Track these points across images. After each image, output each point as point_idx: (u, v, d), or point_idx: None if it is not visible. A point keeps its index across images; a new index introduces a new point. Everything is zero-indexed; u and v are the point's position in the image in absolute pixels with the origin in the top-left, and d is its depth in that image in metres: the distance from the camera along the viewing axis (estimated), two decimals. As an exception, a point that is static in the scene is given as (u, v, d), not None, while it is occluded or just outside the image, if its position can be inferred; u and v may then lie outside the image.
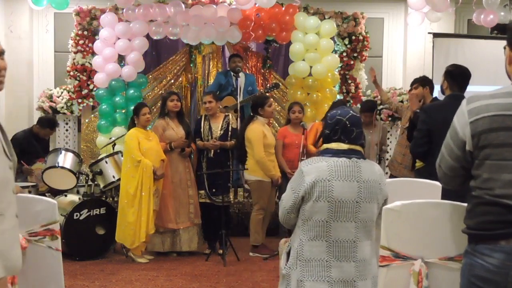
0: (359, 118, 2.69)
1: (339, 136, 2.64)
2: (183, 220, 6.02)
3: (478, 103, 2.07)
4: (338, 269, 2.57)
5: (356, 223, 2.58)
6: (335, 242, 2.57)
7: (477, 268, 2.04)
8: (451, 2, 6.94)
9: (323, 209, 2.56)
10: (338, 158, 2.60)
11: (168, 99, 6.07)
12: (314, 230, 2.59)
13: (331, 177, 2.56)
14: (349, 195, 2.56)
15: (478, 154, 2.07)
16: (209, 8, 7.07)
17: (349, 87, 7.61)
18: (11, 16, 7.64)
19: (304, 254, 2.61)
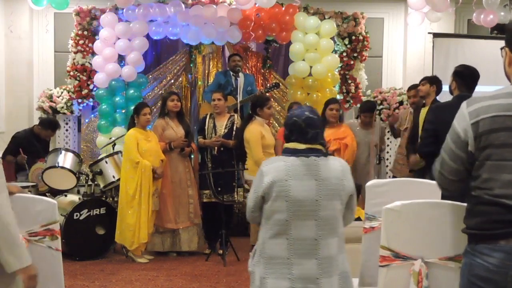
0: (315, 119, 2.69)
1: (296, 137, 2.68)
2: (183, 220, 6.02)
3: (478, 105, 2.07)
4: (299, 267, 2.58)
5: (316, 221, 2.59)
6: (296, 240, 2.59)
7: (477, 268, 2.05)
8: (451, 2, 6.94)
9: (282, 208, 2.59)
10: (296, 157, 2.64)
11: (168, 99, 6.07)
12: (275, 228, 2.62)
13: (288, 176, 2.59)
14: (308, 193, 2.58)
15: (479, 155, 2.07)
16: (209, 8, 7.08)
17: (349, 87, 7.61)
18: (11, 16, 7.64)
19: (267, 251, 2.64)
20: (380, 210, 2.73)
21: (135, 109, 5.98)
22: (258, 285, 2.65)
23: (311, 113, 2.70)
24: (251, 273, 2.74)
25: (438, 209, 2.51)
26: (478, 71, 4.35)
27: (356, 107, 7.61)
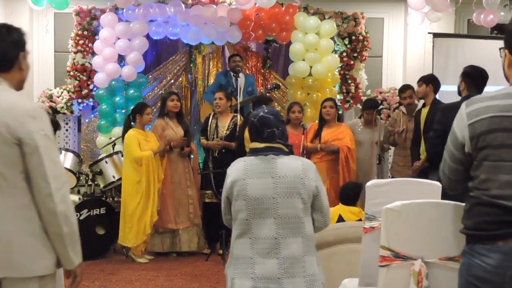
0: (270, 119, 2.72)
1: (254, 137, 2.74)
2: (183, 220, 6.02)
3: (477, 106, 2.08)
4: (261, 266, 2.59)
5: (276, 219, 2.60)
6: (257, 239, 2.61)
7: (474, 268, 2.05)
8: (451, 2, 6.94)
9: (242, 208, 2.62)
10: (254, 156, 2.69)
11: (168, 99, 6.07)
12: (239, 228, 2.66)
13: (246, 176, 2.64)
14: (264, 191, 2.61)
15: (477, 155, 2.08)
16: (209, 8, 7.08)
17: (349, 87, 7.61)
18: (11, 16, 7.63)
19: (234, 252, 2.69)
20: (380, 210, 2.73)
21: (137, 109, 5.97)
22: (229, 286, 2.69)
23: (267, 113, 2.74)
24: (226, 275, 2.77)
25: (438, 209, 2.51)
26: (487, 72, 4.34)
27: (356, 107, 7.61)
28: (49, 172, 2.18)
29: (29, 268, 2.27)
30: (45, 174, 2.18)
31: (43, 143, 2.19)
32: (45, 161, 2.18)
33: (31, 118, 2.21)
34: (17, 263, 2.25)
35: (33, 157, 2.18)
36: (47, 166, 2.18)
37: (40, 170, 2.18)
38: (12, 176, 2.21)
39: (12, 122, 2.18)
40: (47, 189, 2.18)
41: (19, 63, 2.35)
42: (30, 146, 2.18)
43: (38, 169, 2.18)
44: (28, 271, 2.27)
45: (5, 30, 2.32)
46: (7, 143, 2.19)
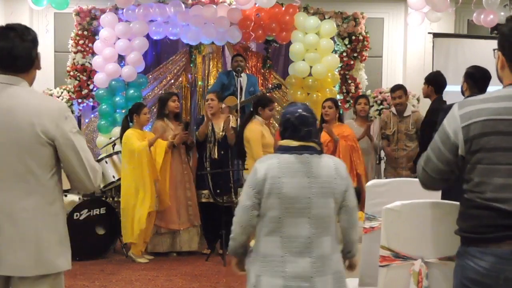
0: (308, 117, 2.68)
1: (289, 134, 2.68)
2: (184, 220, 6.02)
3: (470, 108, 2.07)
4: (293, 265, 2.57)
5: (310, 219, 2.58)
6: (289, 237, 2.58)
7: (468, 270, 2.06)
8: (451, 2, 6.94)
9: (275, 206, 2.57)
10: (289, 154, 2.64)
11: (169, 100, 6.06)
12: (268, 226, 2.61)
13: (280, 173, 2.58)
14: (300, 191, 2.57)
15: (470, 158, 2.07)
16: (209, 8, 7.08)
17: (349, 87, 7.61)
18: (11, 16, 7.63)
19: (261, 249, 2.64)
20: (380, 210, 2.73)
21: (135, 109, 5.97)
22: (253, 283, 2.65)
23: (305, 110, 2.69)
24: (247, 271, 2.74)
25: (438, 209, 2.51)
26: (490, 72, 4.34)
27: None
28: (87, 164, 2.39)
29: (55, 265, 2.36)
30: (85, 168, 2.38)
31: (77, 140, 2.37)
32: (82, 157, 2.37)
33: (64, 118, 2.36)
34: (45, 260, 2.33)
35: (71, 154, 2.35)
36: (85, 160, 2.37)
37: (80, 165, 2.37)
38: (42, 175, 2.34)
39: (48, 123, 2.31)
40: (87, 181, 2.41)
41: (38, 62, 2.45)
42: (68, 145, 2.34)
43: (78, 164, 2.37)
44: (54, 267, 2.36)
45: (23, 29, 2.38)
46: (42, 143, 2.31)
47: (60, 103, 2.51)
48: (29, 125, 2.30)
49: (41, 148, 2.31)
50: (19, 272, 2.31)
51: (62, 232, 2.41)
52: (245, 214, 2.65)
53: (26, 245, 2.30)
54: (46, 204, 2.35)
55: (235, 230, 2.73)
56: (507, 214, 1.98)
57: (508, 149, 2.00)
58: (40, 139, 2.30)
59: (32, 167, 2.31)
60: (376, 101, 7.77)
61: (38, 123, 2.30)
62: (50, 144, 2.32)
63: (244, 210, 2.65)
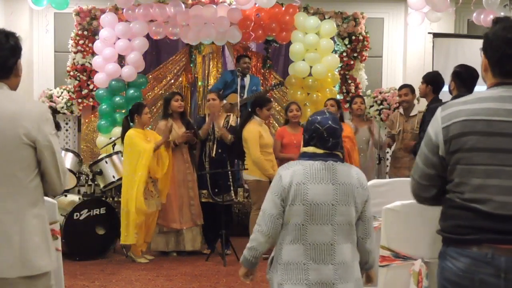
0: (337, 129, 2.68)
1: (315, 143, 2.67)
2: (186, 220, 6.02)
3: (451, 110, 2.09)
4: (316, 272, 2.56)
5: (333, 226, 2.58)
6: (312, 245, 2.57)
7: (447, 271, 2.06)
8: (451, 2, 6.94)
9: (299, 212, 2.57)
10: (314, 161, 2.63)
11: (172, 99, 6.05)
12: (291, 233, 2.60)
13: (306, 180, 2.58)
14: (325, 197, 2.57)
15: (450, 159, 2.08)
16: (209, 8, 7.08)
17: (349, 87, 7.61)
18: (11, 16, 7.63)
19: (283, 257, 2.63)
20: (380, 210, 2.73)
21: (135, 109, 5.95)
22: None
23: (334, 122, 2.69)
24: (269, 280, 2.72)
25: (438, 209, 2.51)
26: (477, 71, 4.34)
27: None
28: (60, 166, 2.43)
29: (40, 265, 2.37)
30: (58, 170, 2.43)
31: (55, 142, 2.41)
32: (58, 158, 2.41)
33: (45, 120, 2.39)
34: (29, 261, 2.34)
35: (50, 156, 2.39)
36: (59, 162, 2.42)
37: (55, 166, 2.41)
38: (25, 177, 2.36)
39: (30, 126, 2.33)
40: (58, 183, 2.45)
41: (17, 70, 2.43)
42: (48, 147, 2.38)
43: (53, 165, 2.41)
44: (38, 269, 2.37)
45: (3, 37, 2.36)
46: (24, 145, 2.33)
47: (41, 105, 2.53)
48: (10, 128, 2.31)
49: (23, 150, 2.33)
50: (3, 273, 2.31)
51: (45, 233, 2.42)
52: (272, 223, 2.63)
53: (10, 246, 2.31)
54: (28, 205, 2.36)
55: (258, 239, 2.68)
56: (484, 215, 1.97)
57: (485, 149, 2.00)
58: (22, 142, 2.32)
59: (14, 169, 2.33)
60: (376, 101, 7.78)
61: (20, 125, 2.31)
62: (32, 146, 2.35)
63: (271, 220, 2.62)
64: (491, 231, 1.96)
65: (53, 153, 2.39)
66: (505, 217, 1.95)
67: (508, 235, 1.94)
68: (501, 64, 2.05)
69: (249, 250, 2.72)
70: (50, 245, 2.44)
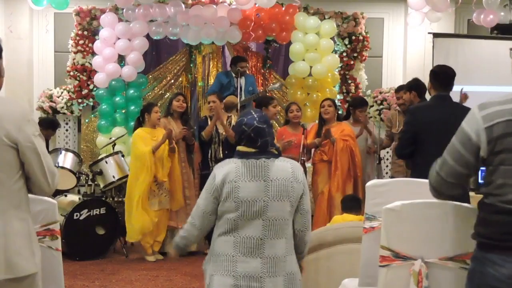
0: (263, 128, 2.71)
1: (245, 143, 2.73)
2: (181, 219, 6.02)
3: (491, 109, 2.06)
4: (244, 264, 2.64)
5: (264, 221, 2.64)
6: (242, 238, 2.65)
7: (488, 277, 2.03)
8: (451, 2, 6.94)
9: (232, 209, 2.64)
10: (246, 159, 2.69)
11: (174, 99, 6.12)
12: (223, 226, 2.69)
13: (237, 178, 2.65)
14: (256, 194, 2.63)
15: (493, 159, 2.05)
16: (209, 8, 7.08)
17: (349, 87, 7.62)
18: (11, 16, 7.64)
19: (215, 249, 2.74)
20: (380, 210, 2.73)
21: (145, 108, 6.04)
22: (207, 282, 2.74)
23: (260, 122, 2.71)
24: (204, 271, 2.83)
25: (438, 209, 2.51)
26: (454, 70, 4.33)
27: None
28: (46, 168, 2.39)
29: (24, 268, 2.35)
30: (44, 172, 2.39)
31: (38, 144, 2.37)
32: (43, 160, 2.37)
33: (27, 121, 2.35)
34: (13, 264, 2.32)
35: (33, 157, 2.35)
36: (45, 163, 2.38)
37: (40, 167, 2.37)
38: (8, 179, 2.33)
39: (10, 127, 2.30)
40: (45, 184, 2.41)
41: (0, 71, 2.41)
42: (30, 148, 2.33)
43: (39, 167, 2.37)
44: (23, 271, 2.34)
45: None
46: (5, 147, 2.30)
47: (23, 107, 2.50)
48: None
49: (4, 152, 2.30)
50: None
51: (30, 236, 2.40)
52: (204, 218, 2.74)
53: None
54: (12, 208, 2.34)
55: (191, 231, 2.82)
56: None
57: None
58: (3, 143, 2.29)
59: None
60: (376, 101, 7.78)
61: (0, 127, 2.29)
62: (14, 147, 2.32)
63: (203, 216, 2.74)
64: None
65: (37, 154, 2.35)
66: None
67: None
68: None
69: (181, 238, 2.88)
70: (35, 248, 2.41)
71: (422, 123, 4.22)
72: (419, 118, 4.29)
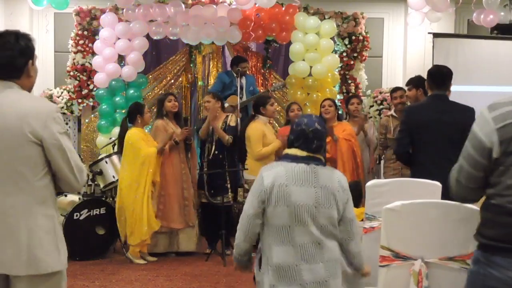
0: (322, 132, 2.76)
1: (299, 144, 2.73)
2: (180, 220, 6.02)
3: (502, 110, 2.04)
4: (308, 272, 2.65)
5: (316, 226, 2.66)
6: (301, 245, 2.65)
7: (492, 280, 2.01)
8: (451, 2, 6.94)
9: (283, 214, 2.63)
10: (296, 164, 2.69)
11: (165, 100, 6.05)
12: (279, 235, 2.67)
13: (288, 182, 2.64)
14: (307, 200, 2.64)
15: (505, 160, 2.02)
16: (209, 8, 7.08)
17: (349, 87, 7.61)
18: (11, 16, 7.64)
19: (274, 259, 2.68)
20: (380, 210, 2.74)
21: (137, 109, 5.92)
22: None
23: (320, 125, 2.76)
24: (258, 283, 2.78)
25: (438, 209, 2.51)
26: (450, 69, 4.34)
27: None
28: (74, 164, 2.43)
29: (48, 265, 2.36)
30: (72, 168, 2.42)
31: (65, 141, 2.40)
32: (69, 157, 2.40)
33: (52, 119, 2.40)
34: (37, 260, 2.33)
35: (59, 154, 2.38)
36: (72, 160, 2.41)
37: (67, 164, 2.40)
38: (32, 175, 2.36)
39: (36, 124, 2.35)
40: (74, 180, 2.44)
41: (28, 71, 2.45)
42: (55, 146, 2.37)
43: (65, 164, 2.40)
44: (46, 268, 2.36)
45: (13, 38, 2.39)
46: (30, 143, 2.34)
47: (50, 105, 2.55)
48: (17, 126, 2.33)
49: (29, 148, 2.34)
50: (9, 271, 2.32)
51: (56, 232, 2.42)
52: (248, 222, 2.72)
53: (16, 243, 2.31)
54: (36, 204, 2.36)
55: (239, 237, 2.80)
56: None
57: None
58: (28, 140, 2.33)
59: (20, 167, 2.34)
60: (376, 101, 7.78)
61: (26, 123, 2.33)
62: (38, 144, 2.35)
63: (247, 219, 2.72)
64: None
65: (63, 151, 2.37)
66: None
67: None
68: None
69: (235, 246, 2.87)
70: (60, 245, 2.42)
71: (416, 123, 4.24)
72: (412, 118, 4.30)
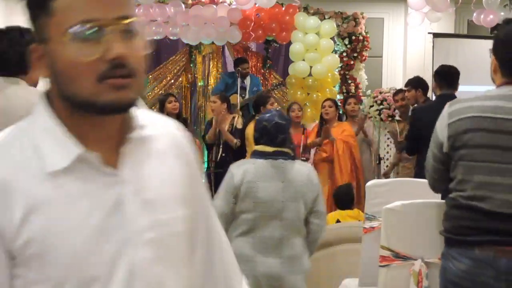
0: (284, 125, 2.80)
1: (264, 141, 2.78)
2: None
3: (459, 105, 2.08)
4: (263, 265, 2.69)
5: (281, 221, 2.70)
6: (260, 238, 2.70)
7: (449, 273, 2.06)
8: (451, 2, 6.93)
9: (250, 209, 2.69)
10: (264, 160, 2.75)
11: (166, 101, 6.05)
12: (240, 227, 2.73)
13: (256, 178, 2.70)
14: (274, 195, 2.69)
15: (454, 155, 2.07)
16: (209, 8, 7.08)
17: (349, 87, 7.61)
18: (11, 16, 7.63)
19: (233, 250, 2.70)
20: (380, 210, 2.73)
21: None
22: None
23: (280, 118, 2.81)
24: None
25: (438, 209, 2.50)
26: (457, 69, 4.36)
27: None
28: None
29: None
30: None
31: None
32: None
33: None
34: None
35: None
36: None
37: None
38: None
39: None
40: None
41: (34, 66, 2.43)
42: None
43: None
44: None
45: (17, 34, 2.37)
46: None
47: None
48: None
49: None
50: None
51: None
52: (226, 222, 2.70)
53: None
54: None
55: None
56: (486, 214, 1.96)
57: (490, 146, 1.99)
58: None
59: None
60: (376, 101, 7.77)
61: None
62: None
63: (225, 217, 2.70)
64: (493, 232, 1.95)
65: None
66: (506, 215, 1.94)
67: (509, 237, 1.93)
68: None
69: None
70: None
71: (423, 123, 4.25)
72: (419, 118, 4.32)
